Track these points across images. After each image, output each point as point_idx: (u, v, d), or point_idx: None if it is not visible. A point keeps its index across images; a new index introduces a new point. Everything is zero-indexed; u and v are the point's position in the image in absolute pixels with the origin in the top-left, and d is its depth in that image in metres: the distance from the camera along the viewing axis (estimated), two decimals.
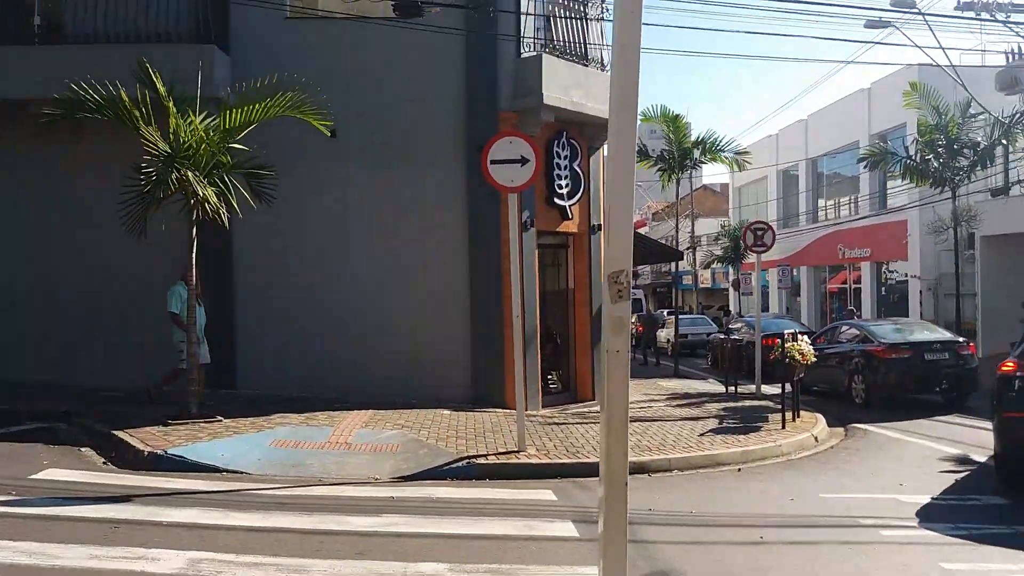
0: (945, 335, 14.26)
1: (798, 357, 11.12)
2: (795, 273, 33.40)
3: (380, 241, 12.49)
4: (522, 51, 12.48)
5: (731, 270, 38.63)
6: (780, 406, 11.28)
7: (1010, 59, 18.62)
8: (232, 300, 12.27)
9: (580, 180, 13.34)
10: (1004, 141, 19.22)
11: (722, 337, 22.75)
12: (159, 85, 9.30)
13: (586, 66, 13.21)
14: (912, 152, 20.16)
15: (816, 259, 32.89)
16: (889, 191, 29.32)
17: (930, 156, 19.59)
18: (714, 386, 18.04)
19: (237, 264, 12.32)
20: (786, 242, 34.57)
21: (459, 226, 12.57)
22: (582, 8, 13.41)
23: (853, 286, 31.84)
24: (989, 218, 20.87)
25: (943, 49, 37.66)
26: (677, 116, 19.57)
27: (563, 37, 13.03)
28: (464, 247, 12.56)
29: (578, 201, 13.42)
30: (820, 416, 12.02)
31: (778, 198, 36.64)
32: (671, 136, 19.62)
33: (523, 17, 12.40)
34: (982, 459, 9.21)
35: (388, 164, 12.33)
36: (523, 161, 8.90)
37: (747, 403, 13.98)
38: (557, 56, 12.59)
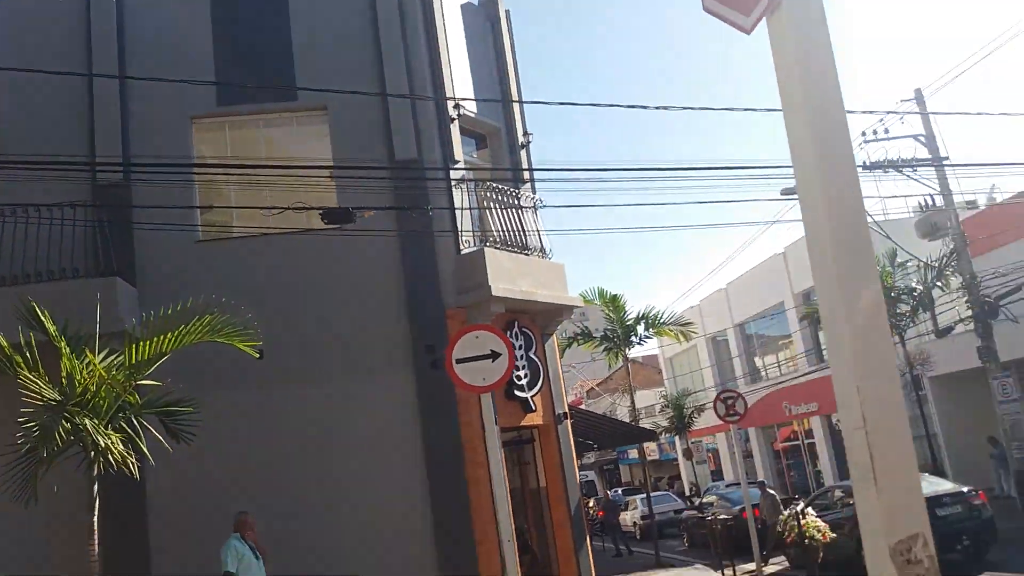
0: (951, 486, 13.17)
1: (818, 536, 9.74)
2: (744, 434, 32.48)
3: (323, 467, 10.80)
4: (461, 246, 11.70)
5: (678, 440, 37.54)
6: None
7: (923, 208, 19.15)
8: (147, 566, 10.18)
9: (538, 368, 12.25)
10: (939, 283, 19.35)
11: (698, 515, 21.24)
12: (48, 325, 7.89)
13: (528, 255, 12.52)
14: None
15: (763, 419, 32.14)
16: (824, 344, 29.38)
17: None
18: (707, 574, 16.34)
19: (152, 521, 10.34)
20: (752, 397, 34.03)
21: (413, 437, 11.06)
22: (515, 199, 12.87)
23: (806, 441, 31.03)
24: (936, 359, 20.67)
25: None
26: (615, 296, 19.13)
27: (501, 229, 12.35)
28: (420, 457, 10.99)
29: (539, 391, 12.24)
30: None
31: (712, 364, 36.41)
32: (612, 316, 19.01)
33: (459, 213, 11.71)
34: None
35: (328, 378, 10.93)
36: (493, 356, 7.70)
37: None
38: (498, 248, 11.86)
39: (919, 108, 18.85)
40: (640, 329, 19.30)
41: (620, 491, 33.56)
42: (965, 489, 12.93)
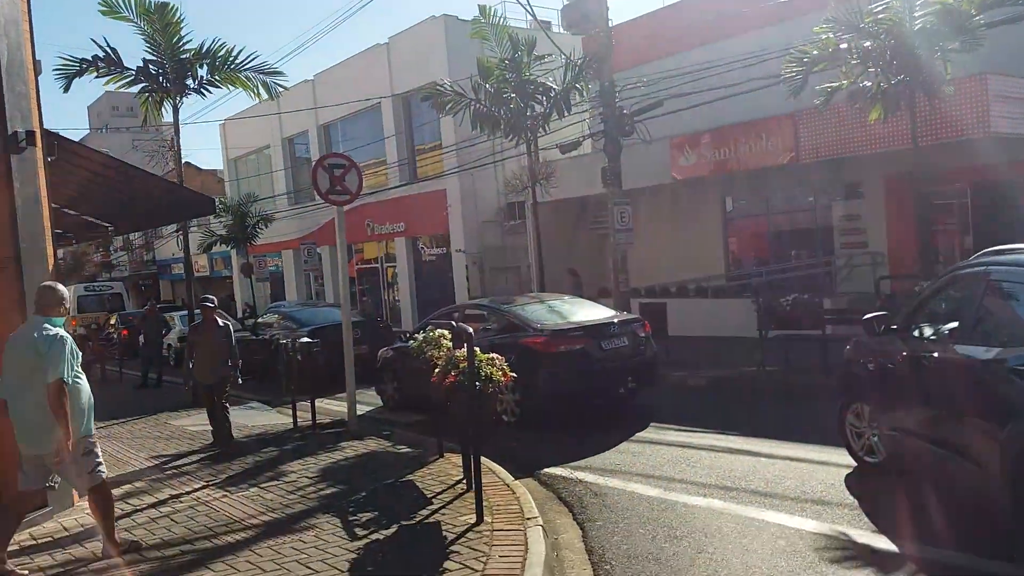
0: (612, 312, 10.20)
1: (500, 378, 5.71)
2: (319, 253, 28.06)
3: None
4: None
5: (235, 254, 31.96)
6: (420, 449, 6.69)
7: None
8: None
9: None
10: (578, 85, 16.40)
11: (251, 337, 16.48)
12: None
13: None
14: (480, 96, 16.22)
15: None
16: (420, 158, 25.92)
17: (510, 96, 15.82)
18: (269, 415, 11.88)
19: None
20: (303, 219, 29.30)
21: None
22: None
23: (386, 265, 27.93)
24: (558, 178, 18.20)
25: None
26: (165, 4, 12.45)
27: None
28: None
29: None
30: (512, 481, 6.83)
31: (286, 167, 31.04)
32: (157, 39, 12.53)
33: None
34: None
35: None
36: None
37: (354, 450, 8.27)
38: None
39: None
40: (202, 71, 13.15)
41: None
42: (631, 316, 10.09)
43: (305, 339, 10.76)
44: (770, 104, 16.54)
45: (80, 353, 5.30)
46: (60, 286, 5.37)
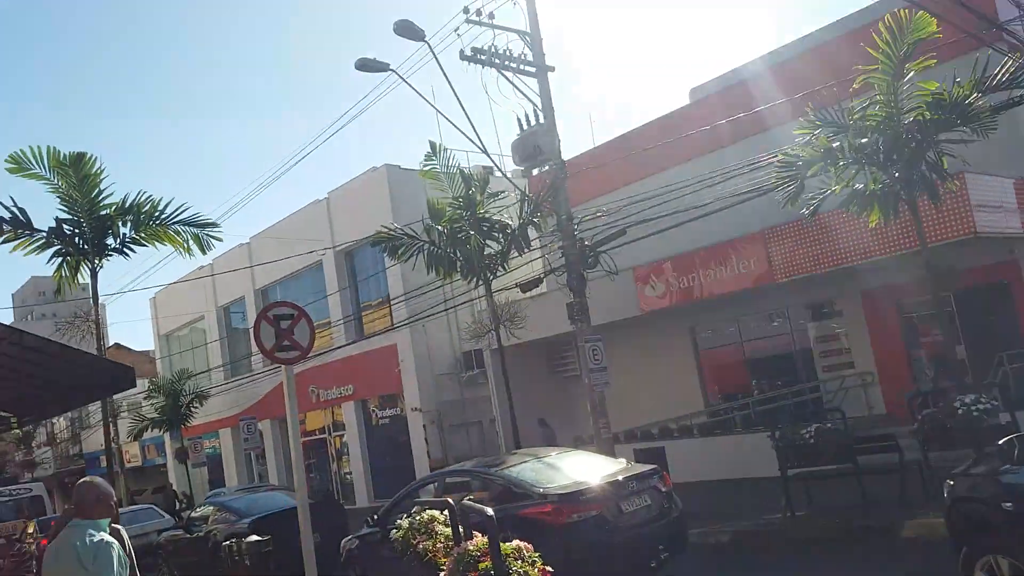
0: (624, 464, 8.43)
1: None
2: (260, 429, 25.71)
3: None
4: None
5: (168, 438, 29.36)
6: None
7: (523, 126, 14.99)
8: None
9: None
10: (535, 219, 15.41)
11: (184, 535, 14.14)
12: None
13: None
14: (433, 237, 15.06)
15: (281, 408, 25.61)
16: (366, 315, 24.48)
17: (467, 234, 14.67)
18: None
19: None
20: (241, 392, 27.16)
21: None
22: None
23: (334, 434, 25.71)
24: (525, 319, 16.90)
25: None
26: (83, 155, 10.99)
27: None
28: None
29: None
30: None
31: (222, 338, 29.13)
32: (73, 195, 11.06)
33: None
34: None
35: None
36: None
37: None
38: None
39: None
40: (124, 228, 11.65)
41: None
42: (646, 468, 8.18)
43: (254, 537, 8.71)
44: (735, 225, 15.82)
45: (128, 561, 4.56)
46: (101, 480, 4.53)
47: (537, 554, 4.23)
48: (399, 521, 5.83)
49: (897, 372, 15.73)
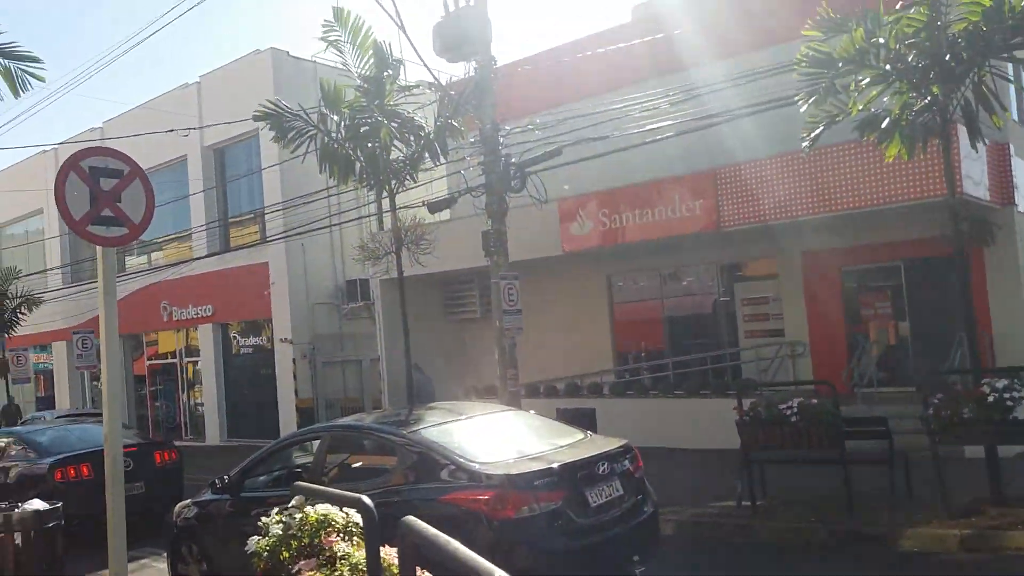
0: (585, 435, 5.99)
1: None
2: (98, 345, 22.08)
3: None
4: None
5: None
6: None
7: (449, 7, 12.24)
8: None
9: None
10: (455, 122, 12.77)
11: None
12: None
13: None
14: (330, 127, 12.13)
15: (129, 324, 22.05)
16: (235, 229, 21.15)
17: (379, 123, 11.83)
18: None
19: None
20: (81, 300, 23.38)
21: None
22: None
23: (186, 360, 22.41)
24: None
25: None
26: None
27: None
28: None
29: None
30: None
31: (62, 234, 24.98)
32: None
33: None
34: None
35: None
36: None
37: None
38: None
39: None
40: None
41: None
42: (617, 446, 5.54)
43: (35, 505, 5.85)
44: (679, 160, 13.84)
45: None
46: None
47: None
48: (265, 520, 3.44)
49: (833, 346, 14.28)
